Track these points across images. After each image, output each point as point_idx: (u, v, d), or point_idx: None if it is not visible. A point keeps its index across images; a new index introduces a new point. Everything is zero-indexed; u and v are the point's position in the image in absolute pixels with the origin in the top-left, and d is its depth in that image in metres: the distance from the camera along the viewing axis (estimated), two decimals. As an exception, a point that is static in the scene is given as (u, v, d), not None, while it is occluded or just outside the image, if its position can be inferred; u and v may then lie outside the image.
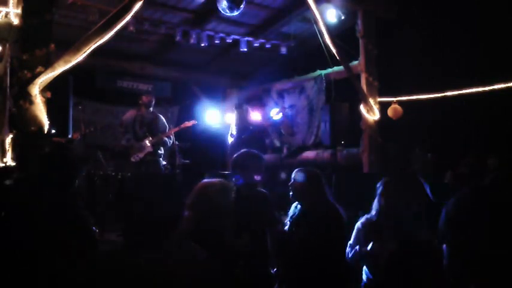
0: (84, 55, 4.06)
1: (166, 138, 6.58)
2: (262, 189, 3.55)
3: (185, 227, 2.43)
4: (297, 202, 3.38)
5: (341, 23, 6.55)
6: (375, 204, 2.98)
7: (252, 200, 3.31)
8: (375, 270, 2.85)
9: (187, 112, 8.34)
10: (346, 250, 3.06)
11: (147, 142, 6.35)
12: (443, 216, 1.47)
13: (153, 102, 6.60)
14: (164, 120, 6.69)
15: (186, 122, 6.78)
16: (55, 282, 2.12)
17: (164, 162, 6.89)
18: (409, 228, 2.71)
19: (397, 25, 6.90)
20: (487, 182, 2.68)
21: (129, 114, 6.59)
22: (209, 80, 8.97)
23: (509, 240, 1.33)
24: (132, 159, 6.31)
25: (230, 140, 6.52)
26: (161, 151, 6.57)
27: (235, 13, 5.67)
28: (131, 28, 6.14)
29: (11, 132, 3.91)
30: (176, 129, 6.73)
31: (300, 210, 3.33)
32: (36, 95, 3.92)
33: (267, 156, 8.17)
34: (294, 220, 3.34)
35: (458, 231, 1.41)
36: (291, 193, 3.36)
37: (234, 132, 6.50)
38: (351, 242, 3.06)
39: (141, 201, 1.65)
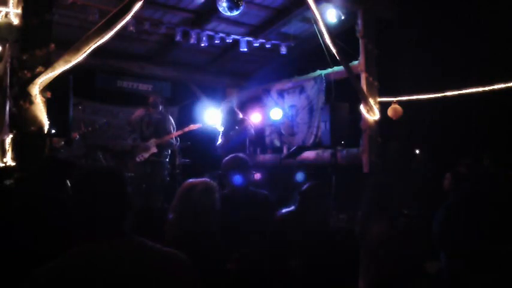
0: (84, 55, 4.05)
1: (171, 140, 6.58)
2: (264, 191, 3.54)
3: (170, 230, 2.42)
4: (293, 207, 3.28)
5: (341, 23, 6.55)
6: None
7: (251, 202, 3.30)
8: None
9: (187, 112, 8.34)
10: None
11: (152, 142, 6.35)
12: (441, 217, 1.47)
13: (159, 102, 6.62)
14: (172, 121, 6.69)
15: (192, 125, 6.77)
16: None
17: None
18: None
19: (397, 25, 6.89)
20: (485, 183, 2.68)
21: (138, 113, 6.60)
22: (209, 80, 8.97)
23: (509, 237, 1.33)
24: (137, 159, 6.33)
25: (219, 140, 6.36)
26: (167, 152, 6.58)
27: (235, 13, 5.66)
28: (131, 28, 6.14)
29: (11, 132, 3.91)
30: (180, 132, 6.71)
31: (297, 216, 3.23)
32: (36, 95, 3.92)
33: (267, 157, 8.19)
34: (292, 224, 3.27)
35: (458, 230, 1.42)
36: (298, 200, 3.25)
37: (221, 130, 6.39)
38: None
39: None
